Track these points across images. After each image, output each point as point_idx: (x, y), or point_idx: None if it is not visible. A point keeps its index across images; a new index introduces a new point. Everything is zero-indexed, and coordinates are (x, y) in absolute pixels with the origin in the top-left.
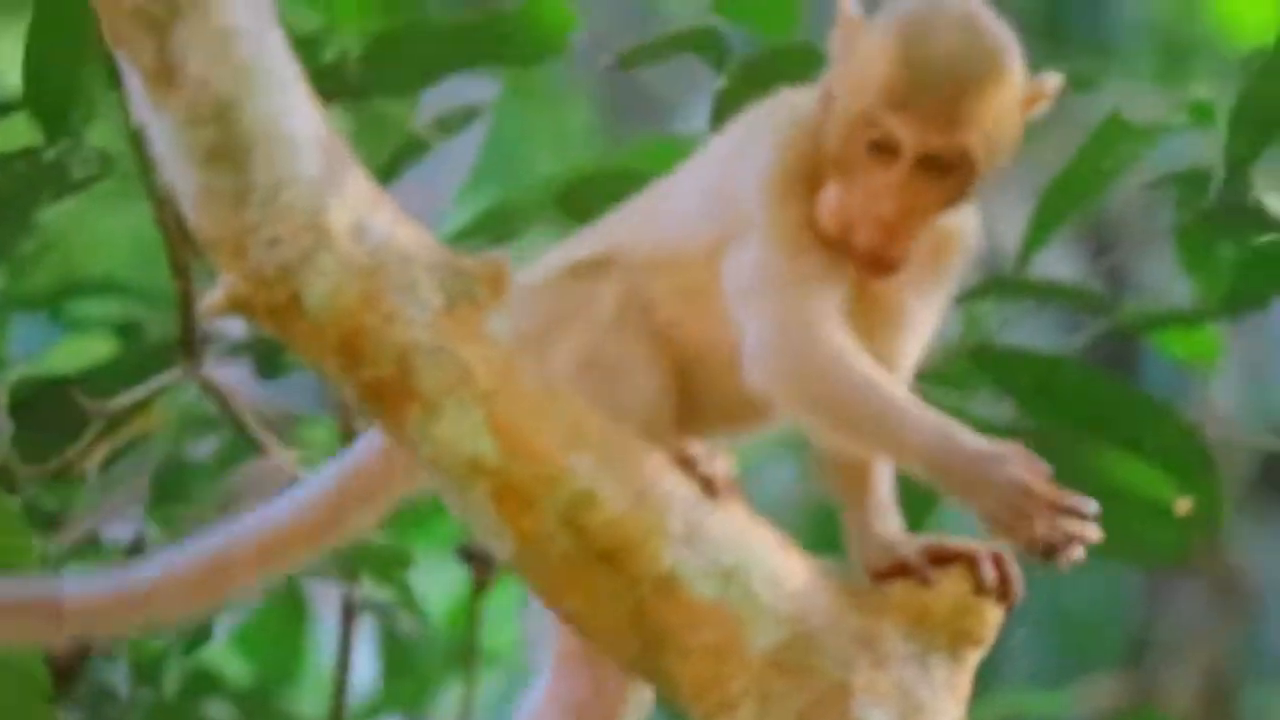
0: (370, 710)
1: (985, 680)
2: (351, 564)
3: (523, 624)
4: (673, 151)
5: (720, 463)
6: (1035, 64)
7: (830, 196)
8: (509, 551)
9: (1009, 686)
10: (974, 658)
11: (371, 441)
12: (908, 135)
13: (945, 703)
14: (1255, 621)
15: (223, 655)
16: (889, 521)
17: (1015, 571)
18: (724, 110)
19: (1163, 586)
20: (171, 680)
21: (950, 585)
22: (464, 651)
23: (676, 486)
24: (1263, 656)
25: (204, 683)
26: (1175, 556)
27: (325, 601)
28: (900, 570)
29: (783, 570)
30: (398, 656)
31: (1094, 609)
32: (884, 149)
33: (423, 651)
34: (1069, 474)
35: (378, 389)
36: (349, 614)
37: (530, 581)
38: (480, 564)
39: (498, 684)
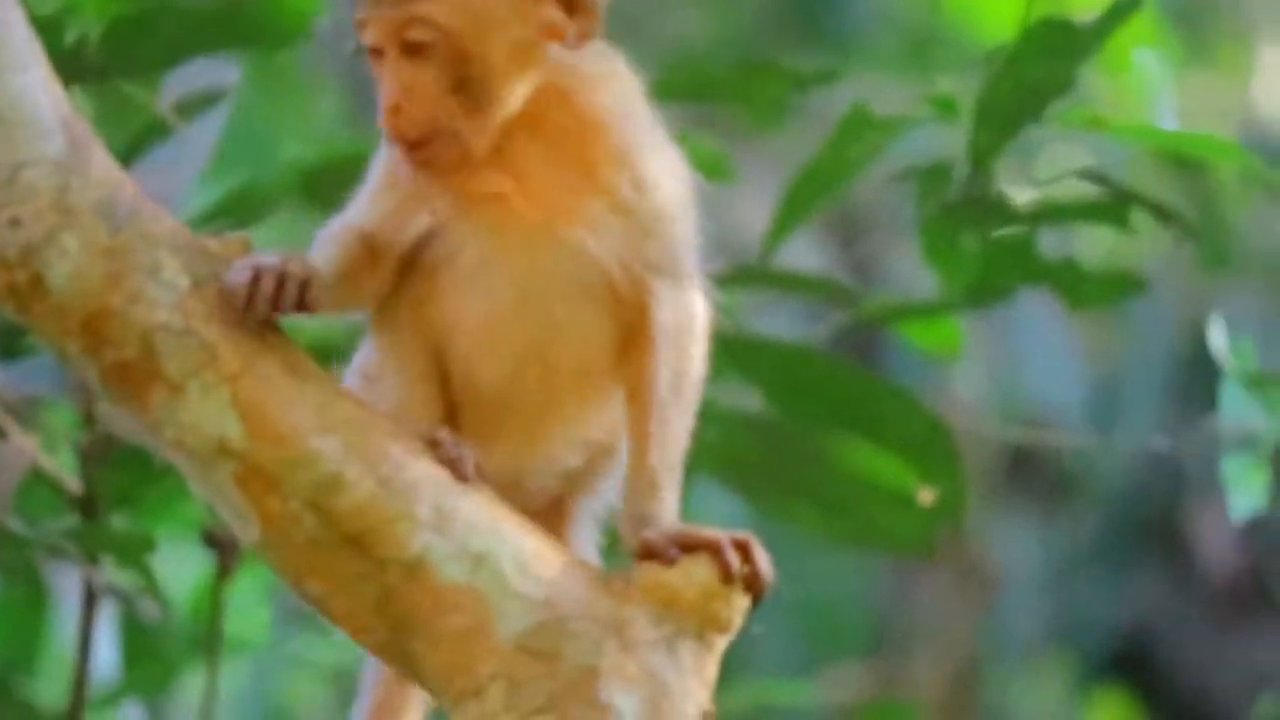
0: (111, 697)
1: (733, 667)
2: (93, 548)
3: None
4: None
5: (468, 448)
6: (780, 56)
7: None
8: (254, 535)
9: (756, 674)
10: (721, 644)
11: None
12: (367, 21)
13: (692, 687)
14: (998, 609)
15: None
16: (648, 500)
17: (763, 561)
18: None
19: (908, 575)
20: None
21: (699, 571)
22: (207, 638)
23: (425, 471)
24: (1005, 644)
25: None
26: (920, 547)
27: (66, 587)
28: (647, 553)
29: (533, 556)
30: (140, 643)
31: (840, 598)
32: (374, 52)
33: (166, 638)
34: (813, 464)
35: (121, 371)
36: (90, 599)
37: (276, 565)
38: (224, 549)
39: (241, 672)
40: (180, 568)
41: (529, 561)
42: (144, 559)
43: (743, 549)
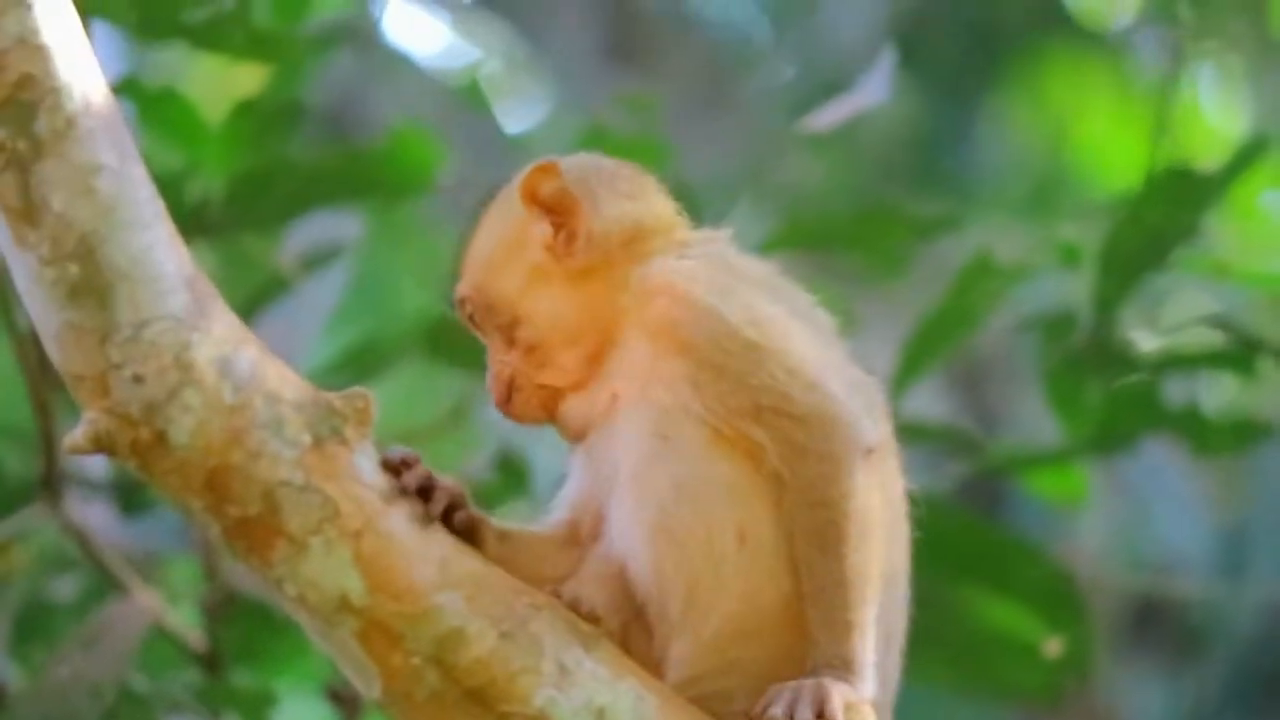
0: None
1: None
2: (215, 704)
3: None
4: None
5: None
6: (901, 203)
7: None
8: (376, 690)
9: None
10: None
11: None
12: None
13: None
14: None
15: None
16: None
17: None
18: None
19: None
20: None
21: None
22: None
23: (548, 626)
24: None
25: None
26: (1046, 697)
27: None
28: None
29: (656, 711)
30: None
31: None
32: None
33: None
34: (940, 615)
35: (244, 527)
36: None
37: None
38: (347, 705)
39: None
40: None
41: (652, 717)
42: (266, 715)
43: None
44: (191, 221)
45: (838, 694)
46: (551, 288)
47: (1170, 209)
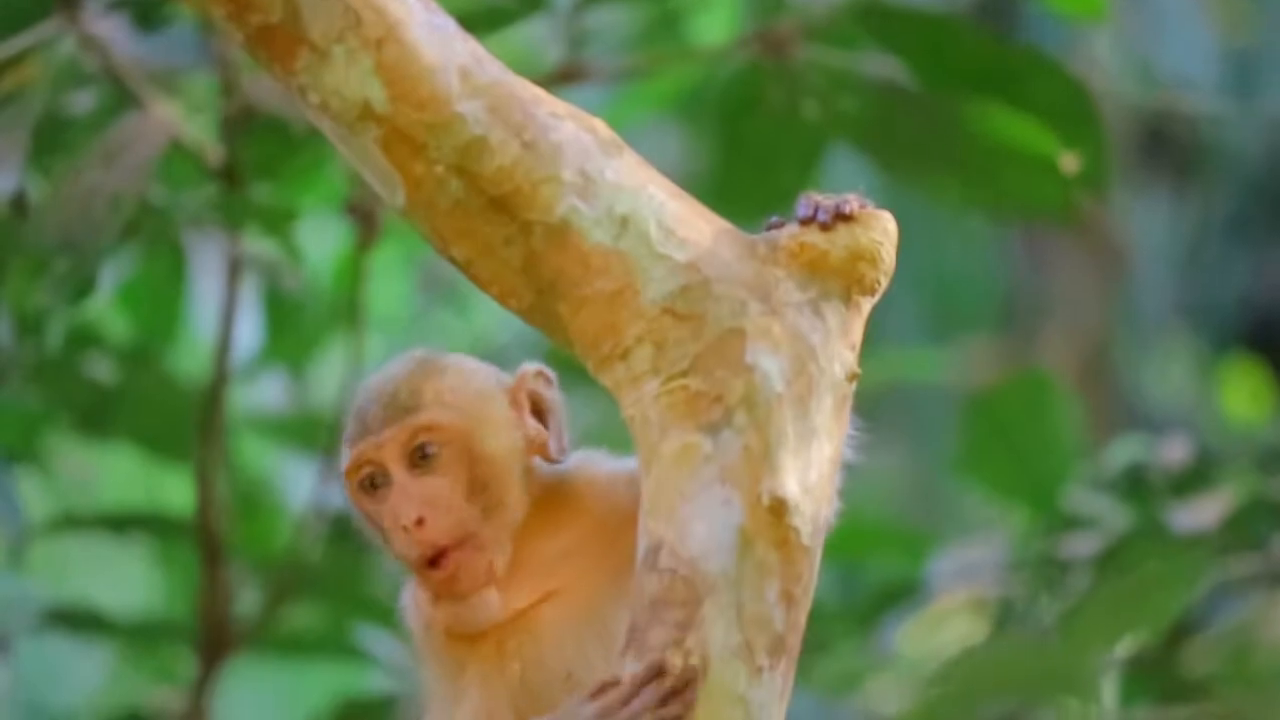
0: (253, 369)
1: (866, 337)
2: (235, 218)
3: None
4: None
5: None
6: None
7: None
8: (400, 199)
9: (889, 345)
10: (867, 306)
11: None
12: (368, 449)
13: (838, 349)
14: (1129, 284)
15: (106, 312)
16: None
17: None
18: None
19: (1039, 251)
20: (54, 335)
21: (845, 234)
22: (348, 309)
23: (570, 135)
24: (1136, 318)
25: (86, 339)
26: (1061, 214)
27: (206, 262)
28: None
29: (678, 219)
30: (281, 314)
31: (971, 272)
32: (366, 488)
33: (307, 309)
34: (953, 132)
35: (266, 35)
36: (234, 269)
37: (423, 230)
38: (365, 221)
39: (381, 346)
40: (321, 241)
41: (674, 225)
42: (286, 229)
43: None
44: None
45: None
46: (524, 476)
47: None
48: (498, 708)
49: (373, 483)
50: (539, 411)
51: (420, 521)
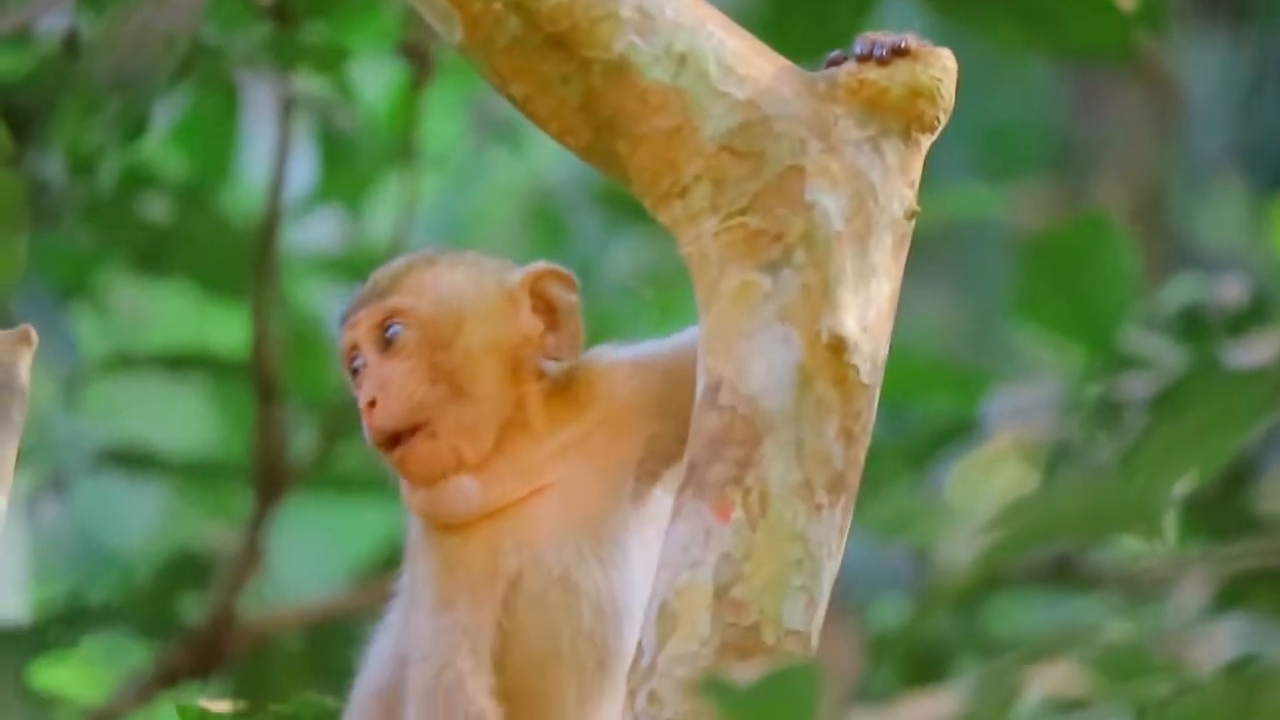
0: (306, 207)
1: (920, 180)
2: (288, 57)
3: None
4: None
5: None
6: None
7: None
8: (458, 34)
9: (944, 185)
10: (926, 143)
11: None
12: (347, 330)
13: (898, 186)
14: (1184, 127)
15: (159, 152)
16: None
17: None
18: None
19: (1094, 92)
20: (108, 174)
21: (904, 70)
22: (402, 148)
23: None
24: (1190, 161)
25: (141, 177)
26: (1120, 54)
27: (261, 100)
28: (866, 53)
29: (737, 57)
30: (335, 153)
31: (1025, 115)
32: (351, 362)
33: (361, 148)
34: None
35: None
36: (287, 109)
37: (480, 68)
38: (419, 60)
39: (434, 186)
40: (375, 80)
41: (733, 63)
42: (339, 68)
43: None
44: None
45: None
46: (513, 372)
47: None
48: (483, 624)
49: (354, 366)
50: (550, 311)
51: (372, 403)
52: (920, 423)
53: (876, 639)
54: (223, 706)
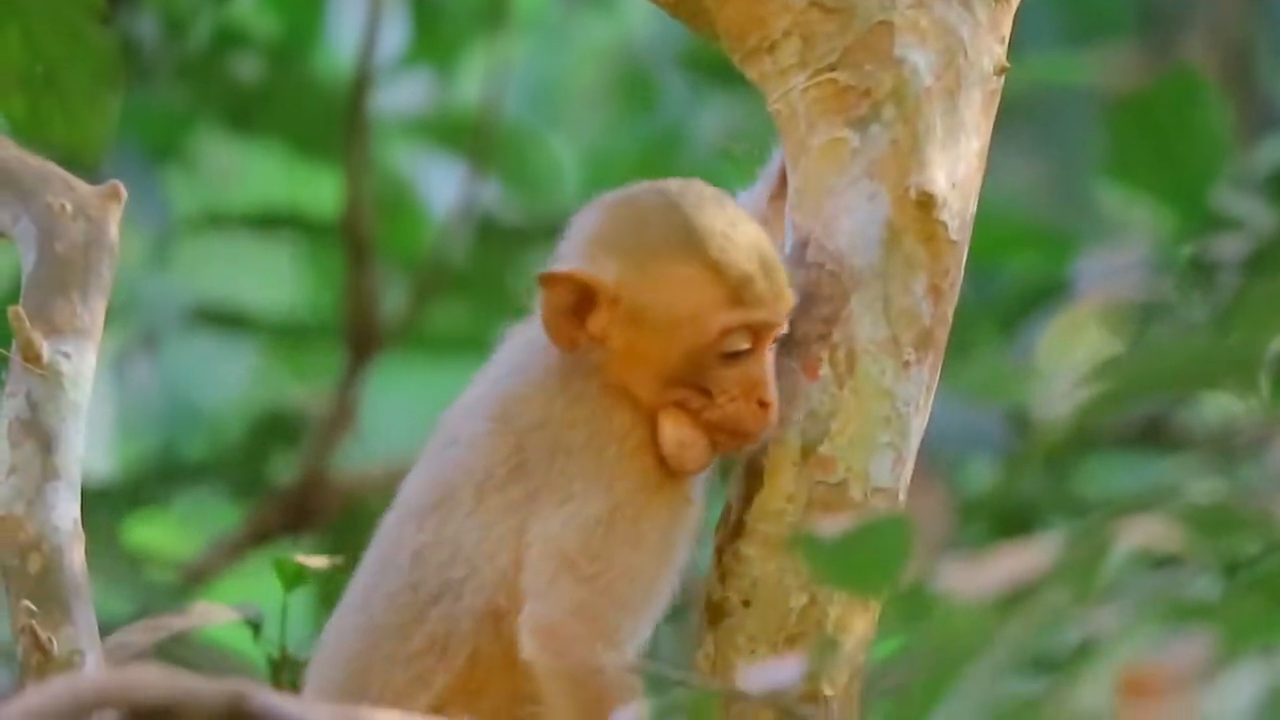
0: (397, 68)
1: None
2: None
3: None
4: None
5: None
6: None
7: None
8: None
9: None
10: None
11: None
12: (769, 317)
13: (988, 42)
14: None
15: (251, 12)
16: None
17: None
18: None
19: None
20: (200, 33)
21: None
22: (494, 12)
23: None
24: (1278, 24)
25: (232, 37)
26: None
27: None
28: None
29: None
30: (426, 14)
31: None
32: (739, 349)
33: (453, 10)
34: None
35: None
36: None
37: None
38: None
39: (524, 48)
40: None
41: None
42: None
43: None
44: None
45: None
46: None
47: None
48: (684, 542)
49: (734, 350)
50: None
51: (764, 404)
52: (1010, 285)
53: (966, 500)
54: (319, 562)
